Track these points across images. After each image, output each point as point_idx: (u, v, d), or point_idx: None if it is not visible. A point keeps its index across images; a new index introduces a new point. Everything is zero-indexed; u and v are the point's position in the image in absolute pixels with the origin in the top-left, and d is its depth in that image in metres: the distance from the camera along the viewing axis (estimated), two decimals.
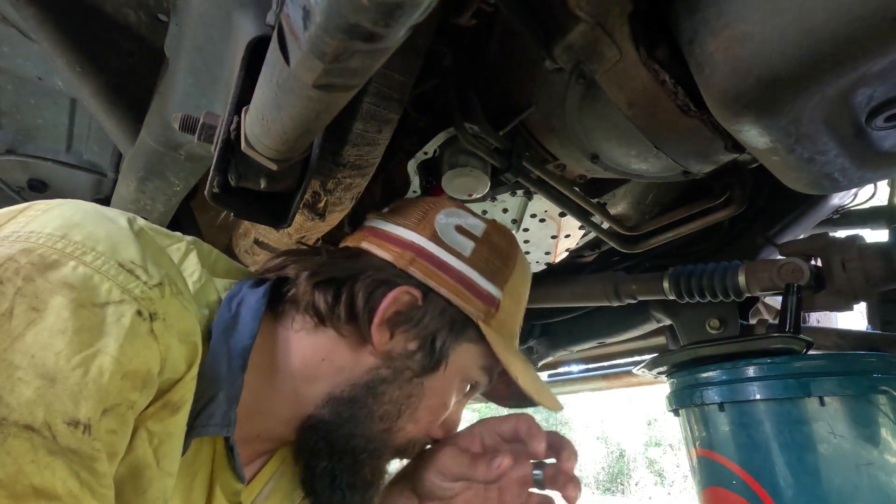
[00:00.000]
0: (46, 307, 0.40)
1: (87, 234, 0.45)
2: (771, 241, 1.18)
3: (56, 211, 0.47)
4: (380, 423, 0.61)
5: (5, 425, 0.36)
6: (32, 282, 0.40)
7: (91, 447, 0.39)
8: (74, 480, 0.38)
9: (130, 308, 0.43)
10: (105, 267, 0.44)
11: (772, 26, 0.49)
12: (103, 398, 0.40)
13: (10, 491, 0.36)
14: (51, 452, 0.37)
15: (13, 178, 1.22)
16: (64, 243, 0.43)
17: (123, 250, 0.46)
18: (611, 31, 0.61)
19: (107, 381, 0.40)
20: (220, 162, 0.58)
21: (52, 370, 0.39)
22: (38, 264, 0.41)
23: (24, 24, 0.78)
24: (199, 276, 0.58)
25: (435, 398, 0.64)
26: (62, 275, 0.42)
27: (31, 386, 0.38)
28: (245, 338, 0.56)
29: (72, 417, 0.38)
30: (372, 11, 0.30)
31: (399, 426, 0.62)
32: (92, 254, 0.44)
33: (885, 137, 0.57)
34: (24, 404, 0.37)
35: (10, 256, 0.41)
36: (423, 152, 0.93)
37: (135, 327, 0.43)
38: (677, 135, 0.69)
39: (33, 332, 0.39)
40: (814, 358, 0.98)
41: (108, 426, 0.41)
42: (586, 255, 1.48)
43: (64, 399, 0.38)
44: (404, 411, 0.62)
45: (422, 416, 0.64)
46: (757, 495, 0.94)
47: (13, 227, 0.44)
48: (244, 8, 0.62)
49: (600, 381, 1.99)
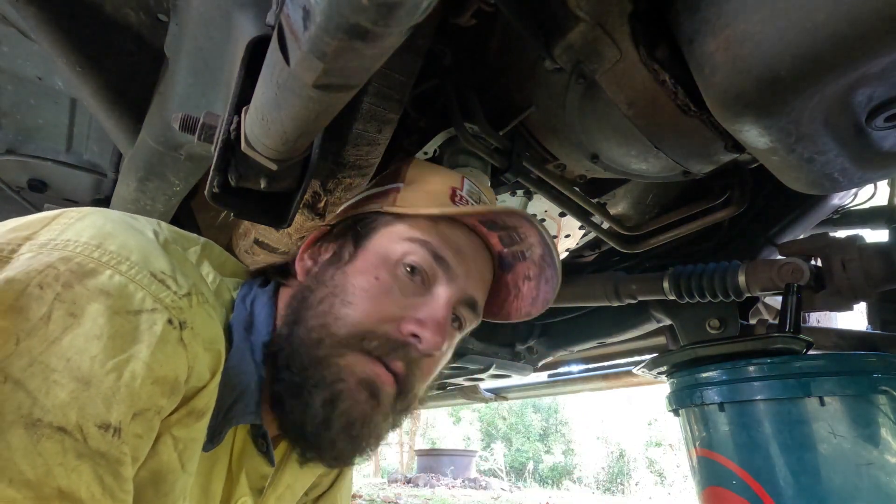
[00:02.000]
0: (83, 313, 0.42)
1: (120, 244, 0.47)
2: (771, 241, 1.18)
3: (88, 220, 0.49)
4: (314, 320, 0.60)
5: (40, 426, 0.38)
6: (71, 288, 0.42)
7: (119, 451, 0.41)
8: (98, 485, 0.40)
9: (162, 317, 0.45)
10: (139, 276, 0.46)
11: (772, 26, 0.49)
12: (134, 402, 0.42)
13: (38, 493, 0.37)
14: (79, 455, 0.39)
15: (13, 178, 1.23)
16: (100, 252, 0.46)
17: (155, 261, 0.49)
18: (611, 31, 0.61)
19: (138, 386, 0.42)
20: (220, 162, 0.58)
21: (87, 374, 0.40)
22: (76, 272, 0.43)
23: (24, 24, 0.79)
24: (213, 278, 0.61)
25: (361, 278, 0.62)
26: (99, 283, 0.44)
27: (66, 389, 0.39)
28: (263, 334, 0.60)
29: (103, 421, 0.40)
30: (372, 11, 0.30)
31: (333, 313, 0.60)
32: (126, 263, 0.46)
33: (885, 137, 0.57)
34: (59, 406, 0.39)
35: (50, 264, 0.43)
36: (423, 152, 0.93)
37: (166, 335, 0.45)
38: (677, 135, 0.69)
39: (70, 337, 0.41)
40: (814, 358, 0.98)
41: (136, 430, 0.42)
42: (586, 255, 1.48)
43: (97, 402, 0.40)
44: (335, 300, 0.61)
45: (354, 297, 0.61)
46: (757, 495, 0.94)
47: (49, 235, 0.46)
48: (244, 8, 0.62)
49: (600, 381, 1.99)
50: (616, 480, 12.83)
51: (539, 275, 0.70)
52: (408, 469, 10.99)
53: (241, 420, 0.55)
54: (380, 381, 0.59)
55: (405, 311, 0.61)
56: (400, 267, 0.63)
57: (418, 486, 7.92)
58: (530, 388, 2.30)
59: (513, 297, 0.74)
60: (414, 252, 0.63)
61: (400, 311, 0.61)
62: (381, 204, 0.69)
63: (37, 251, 0.44)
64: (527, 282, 0.72)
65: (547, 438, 14.63)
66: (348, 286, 0.62)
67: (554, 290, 0.70)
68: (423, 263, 0.63)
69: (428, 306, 0.62)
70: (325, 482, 0.84)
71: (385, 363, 0.59)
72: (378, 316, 0.60)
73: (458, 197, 0.70)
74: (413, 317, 0.61)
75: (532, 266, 0.70)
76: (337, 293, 0.61)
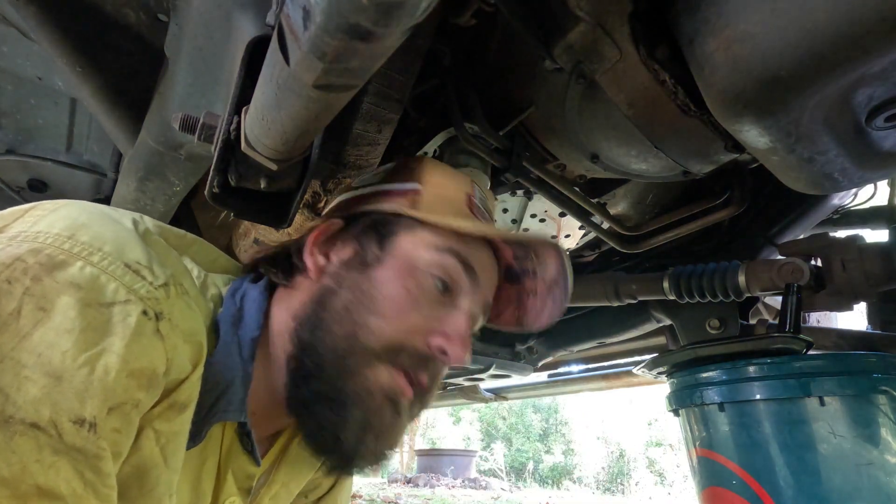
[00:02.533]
0: (53, 307, 0.41)
1: (93, 235, 0.46)
2: (771, 241, 1.18)
3: (63, 211, 0.47)
4: (340, 328, 0.58)
5: (12, 423, 0.37)
6: (40, 281, 0.41)
7: (96, 446, 0.40)
8: (78, 480, 0.39)
9: (136, 308, 0.44)
10: (111, 267, 0.44)
11: (772, 26, 0.49)
12: (109, 397, 0.41)
13: (14, 490, 0.36)
14: (56, 451, 0.38)
15: (13, 178, 1.22)
16: (71, 243, 0.44)
17: (129, 251, 0.47)
18: (611, 31, 0.61)
19: (112, 379, 0.41)
20: (220, 162, 0.58)
21: (59, 369, 0.39)
22: (45, 264, 0.42)
23: (24, 24, 0.79)
24: (198, 273, 0.59)
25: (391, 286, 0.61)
26: (69, 275, 0.42)
27: (38, 384, 0.38)
28: (252, 329, 0.59)
29: (77, 416, 0.39)
30: (372, 11, 0.30)
31: (361, 322, 0.58)
32: (99, 254, 0.45)
33: (885, 137, 0.57)
34: (31, 402, 0.38)
35: (19, 256, 0.42)
36: (423, 152, 0.93)
37: (140, 327, 0.43)
38: (677, 135, 0.69)
39: (40, 332, 0.40)
40: (814, 358, 0.98)
41: (113, 425, 0.41)
42: (586, 255, 1.48)
43: (70, 397, 0.39)
44: (361, 307, 0.59)
45: (384, 307, 0.59)
46: (757, 495, 0.94)
47: (20, 227, 0.45)
48: (244, 8, 0.62)
49: (600, 381, 1.99)
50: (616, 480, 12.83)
51: (547, 292, 0.70)
52: (408, 469, 10.99)
53: (223, 417, 0.54)
54: (402, 394, 0.59)
55: (432, 324, 0.61)
56: (427, 277, 0.62)
57: (418, 486, 7.93)
58: (530, 388, 2.30)
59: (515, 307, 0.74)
60: (444, 262, 0.62)
61: (427, 323, 0.60)
62: (399, 204, 0.66)
63: (6, 244, 0.43)
64: (532, 297, 0.72)
65: (547, 438, 14.63)
66: (376, 294, 0.60)
67: (560, 309, 0.70)
68: (454, 274, 0.63)
69: (453, 319, 0.62)
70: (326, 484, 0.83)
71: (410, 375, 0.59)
72: (408, 328, 0.59)
73: (473, 204, 0.69)
74: (440, 330, 0.61)
75: (541, 283, 0.70)
76: (363, 300, 0.60)
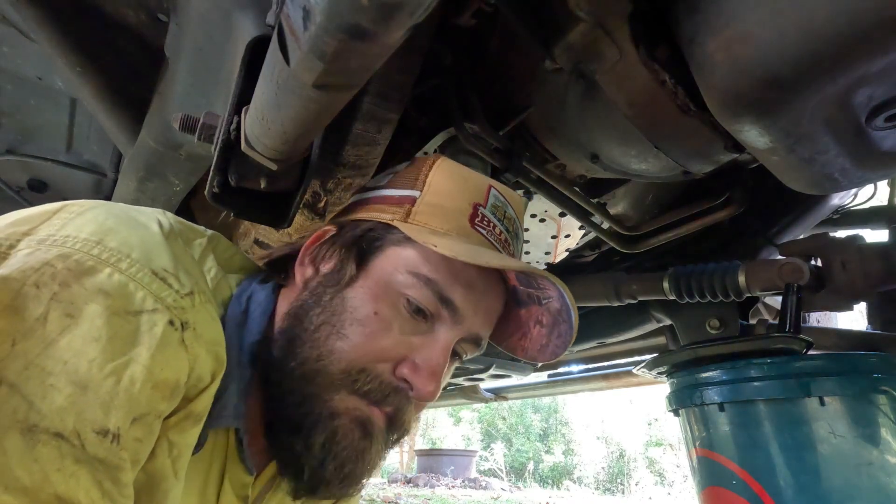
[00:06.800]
0: (81, 314, 0.41)
1: (121, 241, 0.46)
2: (771, 241, 1.18)
3: (90, 214, 0.47)
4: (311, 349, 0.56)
5: (35, 432, 0.37)
6: (68, 287, 0.41)
7: (118, 457, 0.40)
8: (97, 490, 0.39)
9: (163, 317, 0.44)
10: (139, 275, 0.44)
11: (772, 26, 0.49)
12: (133, 407, 0.41)
13: (34, 499, 0.36)
14: (77, 461, 0.38)
15: (13, 178, 1.23)
16: (100, 249, 0.44)
17: (157, 258, 0.47)
18: (611, 31, 0.61)
19: (138, 390, 0.41)
20: (220, 162, 0.58)
21: (85, 378, 0.39)
22: (74, 270, 0.42)
23: (24, 24, 0.79)
24: (215, 273, 0.58)
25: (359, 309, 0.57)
26: (98, 281, 0.42)
27: (63, 393, 0.38)
28: (254, 333, 0.58)
29: (102, 426, 0.39)
30: (372, 11, 0.30)
31: (329, 346, 0.56)
32: (127, 261, 0.44)
33: (885, 137, 0.57)
34: (56, 412, 0.38)
35: (47, 261, 0.42)
36: (423, 152, 0.93)
37: (166, 337, 0.43)
38: (677, 135, 0.69)
39: (67, 339, 0.40)
40: (814, 358, 0.98)
41: (136, 435, 0.41)
42: (586, 255, 1.48)
43: (95, 407, 0.39)
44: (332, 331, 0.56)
45: (350, 331, 0.56)
46: (757, 495, 0.94)
47: (48, 230, 0.45)
48: (244, 8, 0.62)
49: (600, 381, 1.99)
50: (616, 480, 12.82)
51: (552, 326, 0.66)
52: (408, 469, 10.98)
53: (216, 423, 0.52)
54: (373, 420, 0.57)
55: (402, 351, 0.57)
56: (402, 300, 0.58)
57: (418, 486, 7.92)
58: (530, 388, 2.30)
59: (521, 334, 0.71)
60: (418, 290, 0.58)
61: (396, 349, 0.57)
62: (393, 214, 0.62)
63: (35, 247, 0.43)
64: (538, 326, 0.68)
65: (547, 438, 14.62)
66: (345, 316, 0.57)
67: (565, 346, 0.66)
68: (428, 304, 0.58)
69: (427, 349, 0.58)
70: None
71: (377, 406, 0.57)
72: (373, 354, 0.56)
73: (479, 217, 0.63)
74: (409, 359, 0.57)
75: (546, 314, 0.66)
76: (333, 322, 0.57)
